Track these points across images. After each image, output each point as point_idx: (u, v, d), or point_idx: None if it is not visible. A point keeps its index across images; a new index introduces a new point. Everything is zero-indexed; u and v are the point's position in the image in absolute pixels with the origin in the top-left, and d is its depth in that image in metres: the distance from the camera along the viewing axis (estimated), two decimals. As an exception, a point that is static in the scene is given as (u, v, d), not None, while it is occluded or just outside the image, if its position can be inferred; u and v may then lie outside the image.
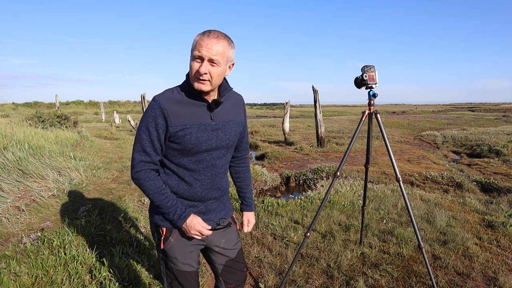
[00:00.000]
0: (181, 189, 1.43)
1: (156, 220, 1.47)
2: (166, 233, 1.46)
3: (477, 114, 39.58)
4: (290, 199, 4.74)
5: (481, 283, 2.63)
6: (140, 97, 19.31)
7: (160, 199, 1.37)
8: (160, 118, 1.31)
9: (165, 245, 1.46)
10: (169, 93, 1.36)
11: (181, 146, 1.36)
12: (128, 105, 53.79)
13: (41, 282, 2.37)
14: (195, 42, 1.29)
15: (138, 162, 1.36)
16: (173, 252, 1.47)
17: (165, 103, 1.32)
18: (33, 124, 10.46)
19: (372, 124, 2.54)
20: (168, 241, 1.46)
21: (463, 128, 18.38)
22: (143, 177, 1.36)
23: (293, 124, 20.69)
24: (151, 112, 1.32)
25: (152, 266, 2.73)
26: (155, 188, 1.37)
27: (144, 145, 1.34)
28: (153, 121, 1.32)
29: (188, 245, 1.49)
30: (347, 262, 2.90)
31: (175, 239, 1.46)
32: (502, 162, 8.81)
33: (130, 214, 3.88)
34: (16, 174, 4.63)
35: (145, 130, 1.33)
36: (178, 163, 1.41)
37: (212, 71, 1.29)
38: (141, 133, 1.34)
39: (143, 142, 1.34)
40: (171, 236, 1.46)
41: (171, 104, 1.33)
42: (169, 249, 1.47)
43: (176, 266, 1.49)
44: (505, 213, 4.41)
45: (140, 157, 1.35)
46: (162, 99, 1.33)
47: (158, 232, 1.48)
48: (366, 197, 3.04)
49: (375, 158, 8.96)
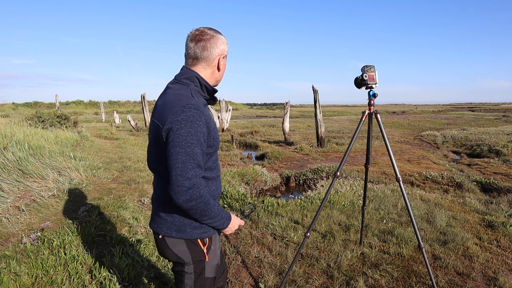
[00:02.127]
0: (212, 191, 1.40)
1: (199, 234, 1.36)
2: (208, 243, 1.39)
3: (477, 114, 39.57)
4: (290, 199, 4.74)
5: (481, 283, 2.63)
6: (140, 97, 19.30)
7: (218, 209, 1.33)
8: (205, 127, 1.25)
9: (209, 254, 1.40)
10: (197, 97, 1.30)
11: (213, 149, 1.34)
12: (128, 105, 53.80)
13: (41, 282, 2.37)
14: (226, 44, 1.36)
15: (197, 180, 1.22)
16: (216, 259, 1.44)
17: (204, 110, 1.27)
18: (33, 124, 10.45)
19: (372, 124, 2.54)
20: (211, 250, 1.40)
21: (463, 128, 18.39)
22: (202, 195, 1.24)
23: (293, 124, 20.69)
24: (199, 122, 1.22)
25: (152, 266, 2.73)
26: (209, 200, 1.29)
27: (199, 160, 1.23)
28: (201, 131, 1.23)
29: (218, 245, 1.49)
30: (347, 262, 2.90)
31: (214, 245, 1.42)
32: (502, 162, 8.81)
33: (130, 214, 3.88)
34: (16, 174, 4.62)
35: (197, 143, 1.21)
36: (207, 166, 1.36)
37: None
38: (193, 147, 1.20)
39: (197, 157, 1.22)
40: (212, 244, 1.41)
41: (205, 109, 1.29)
42: (211, 258, 1.41)
43: (210, 274, 1.43)
44: (505, 213, 4.41)
45: (197, 174, 1.22)
46: (201, 106, 1.27)
47: (197, 247, 1.37)
48: (366, 197, 3.04)
49: (375, 158, 8.96)
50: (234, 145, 11.99)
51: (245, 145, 13.25)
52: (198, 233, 1.35)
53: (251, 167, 7.14)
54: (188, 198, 1.20)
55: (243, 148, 12.77)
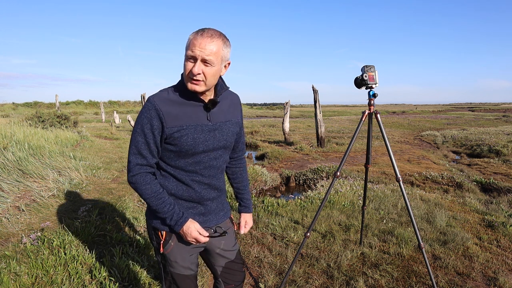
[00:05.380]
0: (179, 191, 1.40)
1: (155, 224, 1.42)
2: (165, 237, 1.42)
3: (477, 114, 39.58)
4: (290, 199, 4.74)
5: (481, 283, 2.63)
6: (140, 97, 19.31)
7: (157, 204, 1.34)
8: (155, 120, 1.28)
9: (164, 249, 1.43)
10: (164, 94, 1.32)
11: (178, 148, 1.33)
12: (128, 105, 53.81)
13: (41, 282, 2.37)
14: (188, 41, 1.25)
15: (134, 165, 1.32)
16: (173, 256, 1.44)
17: (161, 104, 1.28)
18: (33, 124, 10.45)
19: (372, 124, 2.54)
20: (168, 244, 1.43)
21: (463, 128, 18.39)
22: (139, 181, 1.32)
23: (293, 124, 20.69)
24: (146, 114, 1.28)
25: (152, 266, 2.73)
26: (151, 192, 1.33)
27: (140, 148, 1.31)
28: (148, 122, 1.28)
29: (188, 249, 1.46)
30: (347, 262, 2.90)
31: (174, 242, 1.43)
32: (502, 162, 8.81)
33: (130, 214, 3.88)
34: (16, 174, 4.62)
35: (141, 132, 1.30)
36: (175, 165, 1.38)
37: (206, 71, 1.25)
38: (137, 135, 1.30)
39: (139, 145, 1.30)
40: (171, 239, 1.42)
41: (166, 104, 1.29)
42: (169, 253, 1.43)
43: (175, 270, 1.46)
44: (505, 213, 4.41)
45: (136, 160, 1.32)
46: (157, 100, 1.29)
47: (157, 236, 1.44)
48: (366, 197, 3.04)
49: (375, 158, 8.96)
50: (234, 145, 11.98)
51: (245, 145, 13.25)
52: (156, 223, 1.42)
53: (251, 167, 7.14)
54: (128, 179, 1.35)
55: (243, 148, 12.76)
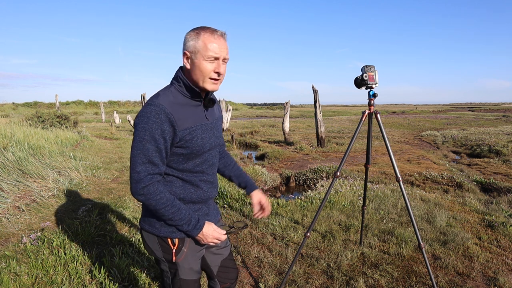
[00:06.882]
0: (188, 194, 1.37)
1: (164, 233, 1.35)
2: (178, 244, 1.37)
3: (477, 114, 39.57)
4: (290, 199, 4.74)
5: (481, 283, 2.63)
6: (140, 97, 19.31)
7: (172, 212, 1.27)
8: (166, 124, 1.21)
9: (177, 257, 1.38)
10: (170, 96, 1.27)
11: (188, 150, 1.30)
12: (128, 105, 53.81)
13: (41, 282, 2.37)
14: (203, 42, 1.22)
15: (145, 175, 1.22)
16: (187, 263, 1.40)
17: (170, 107, 1.22)
18: (33, 124, 10.46)
19: (372, 124, 2.54)
20: (181, 252, 1.38)
21: (463, 128, 18.39)
22: (152, 191, 1.23)
23: (293, 124, 20.70)
24: (155, 119, 1.19)
25: (152, 266, 2.73)
26: (166, 201, 1.26)
27: (150, 156, 1.21)
28: (158, 128, 1.20)
29: (200, 253, 1.45)
30: (347, 262, 2.90)
31: (187, 248, 1.39)
32: (502, 162, 8.81)
33: (130, 214, 3.88)
34: (16, 174, 4.62)
35: (150, 139, 1.20)
36: (183, 168, 1.33)
37: (223, 70, 1.28)
38: (145, 142, 1.20)
39: (149, 153, 1.21)
40: (184, 246, 1.38)
41: (174, 107, 1.24)
42: (182, 260, 1.39)
43: (187, 276, 1.42)
44: (505, 213, 4.40)
45: (146, 169, 1.22)
46: (165, 103, 1.22)
47: (166, 245, 1.37)
48: (366, 197, 3.04)
49: (375, 158, 8.96)
50: (234, 145, 12.00)
51: (245, 145, 13.25)
52: (167, 232, 1.35)
53: (251, 167, 7.14)
54: (137, 191, 1.22)
55: (243, 148, 12.78)
